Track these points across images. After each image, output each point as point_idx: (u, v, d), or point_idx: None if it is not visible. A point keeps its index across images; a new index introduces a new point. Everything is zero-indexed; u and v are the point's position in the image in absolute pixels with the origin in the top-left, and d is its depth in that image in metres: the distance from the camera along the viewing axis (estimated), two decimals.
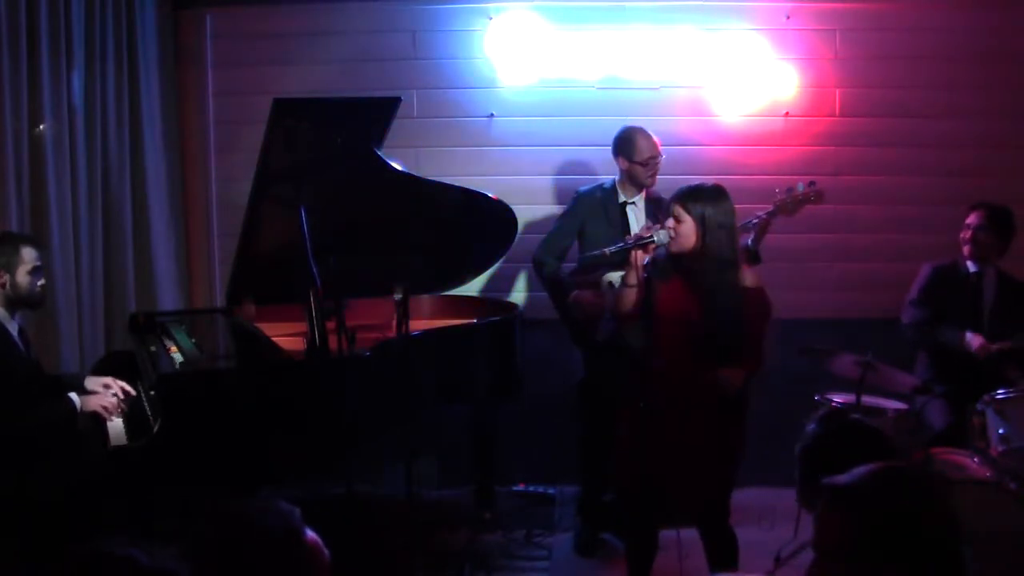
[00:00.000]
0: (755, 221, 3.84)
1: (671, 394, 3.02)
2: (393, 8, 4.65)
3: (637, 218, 4.00)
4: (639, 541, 3.24)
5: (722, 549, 3.12)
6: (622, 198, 4.01)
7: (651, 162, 3.93)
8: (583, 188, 4.14)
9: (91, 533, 2.85)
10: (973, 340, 3.90)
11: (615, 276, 3.89)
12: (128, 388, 3.34)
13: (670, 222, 3.04)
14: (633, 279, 3.09)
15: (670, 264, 3.10)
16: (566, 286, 3.99)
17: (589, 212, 4.03)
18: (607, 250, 3.17)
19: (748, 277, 3.07)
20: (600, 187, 4.08)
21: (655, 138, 3.95)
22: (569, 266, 4.13)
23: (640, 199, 4.02)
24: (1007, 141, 4.60)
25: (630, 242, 3.08)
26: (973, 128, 4.60)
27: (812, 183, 3.85)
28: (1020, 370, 3.86)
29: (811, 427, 2.13)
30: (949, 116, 4.60)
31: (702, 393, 3.01)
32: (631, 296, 3.10)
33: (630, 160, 3.94)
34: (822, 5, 4.61)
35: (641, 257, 3.05)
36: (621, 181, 4.03)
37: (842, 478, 1.57)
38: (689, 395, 3.03)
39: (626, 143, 3.95)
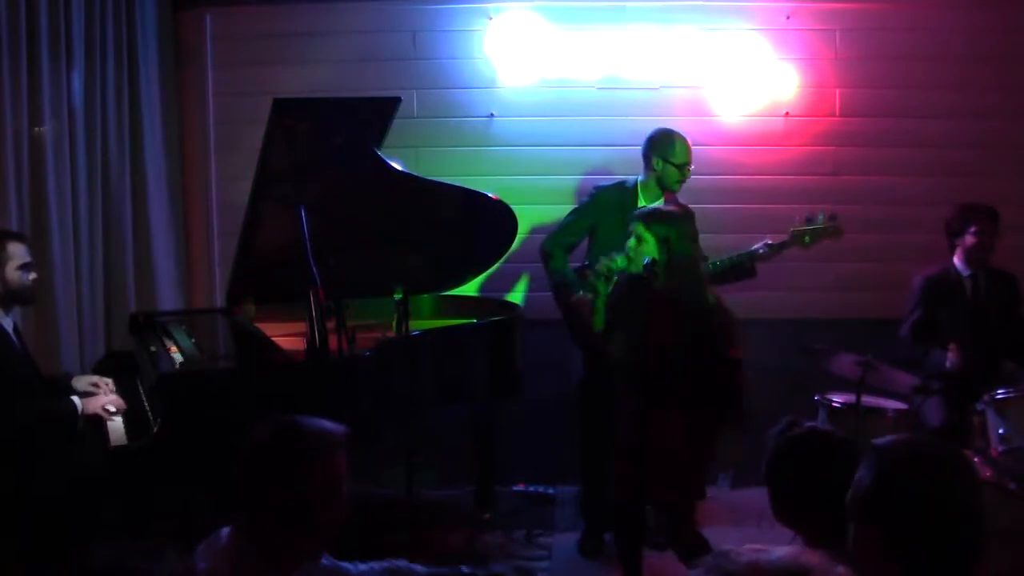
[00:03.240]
0: (763, 251, 3.82)
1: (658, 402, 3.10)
2: (393, 8, 4.65)
3: None
4: (630, 538, 3.29)
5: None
6: (642, 201, 3.93)
7: (685, 168, 3.88)
8: (602, 184, 4.06)
9: (91, 533, 2.85)
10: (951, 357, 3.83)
11: None
12: (111, 383, 3.37)
13: (631, 242, 3.11)
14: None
15: (641, 290, 3.12)
16: (571, 285, 3.91)
17: (605, 210, 3.93)
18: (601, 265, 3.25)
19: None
20: (621, 185, 4.00)
21: (690, 144, 3.92)
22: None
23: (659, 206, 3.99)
24: (1007, 141, 4.60)
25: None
26: (973, 128, 4.59)
27: (833, 216, 3.85)
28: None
29: (770, 443, 2.11)
30: (949, 116, 4.60)
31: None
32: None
33: (666, 160, 3.86)
34: (822, 5, 4.61)
35: None
36: (645, 183, 3.95)
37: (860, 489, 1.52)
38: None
39: (666, 143, 3.88)
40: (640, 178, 3.98)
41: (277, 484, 1.79)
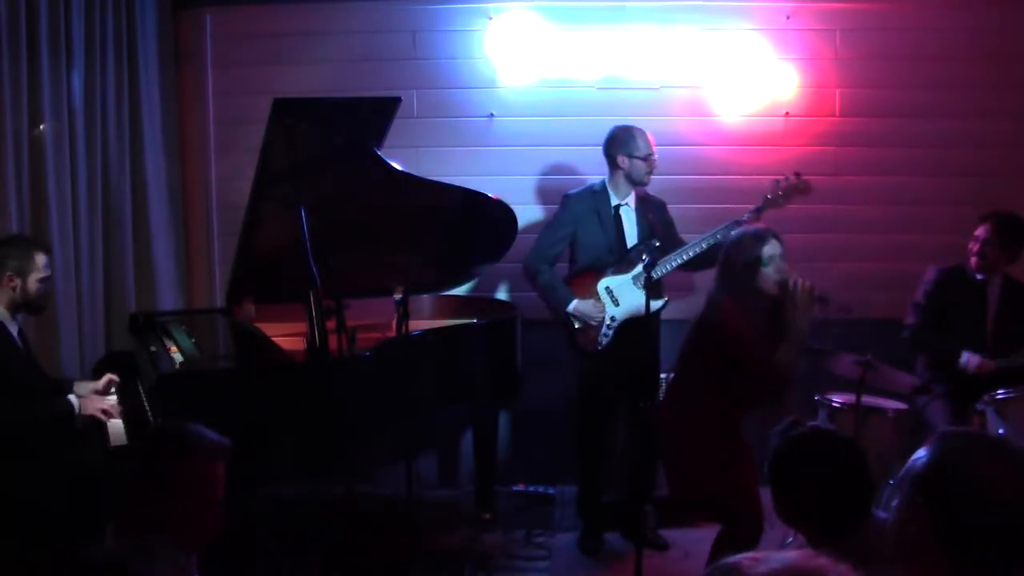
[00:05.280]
0: (746, 217, 3.83)
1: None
2: (393, 8, 4.65)
3: (630, 220, 4.00)
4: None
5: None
6: (615, 200, 3.98)
7: (650, 158, 3.92)
8: (572, 191, 4.07)
9: (91, 533, 2.85)
10: (971, 360, 3.84)
11: (612, 280, 3.90)
12: (115, 378, 3.39)
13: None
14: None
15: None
16: (562, 293, 3.94)
17: (581, 216, 3.97)
18: None
19: None
20: (590, 190, 4.03)
21: (650, 135, 3.96)
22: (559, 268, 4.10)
23: (631, 200, 4.00)
24: (1007, 141, 4.59)
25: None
26: (973, 128, 4.59)
27: (798, 174, 3.92)
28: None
29: (773, 442, 2.10)
30: (949, 116, 4.60)
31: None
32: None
33: (631, 156, 3.90)
34: (822, 5, 4.61)
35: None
36: (613, 182, 3.98)
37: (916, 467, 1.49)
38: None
39: (626, 139, 3.92)
40: (606, 179, 4.01)
41: (151, 482, 1.80)
